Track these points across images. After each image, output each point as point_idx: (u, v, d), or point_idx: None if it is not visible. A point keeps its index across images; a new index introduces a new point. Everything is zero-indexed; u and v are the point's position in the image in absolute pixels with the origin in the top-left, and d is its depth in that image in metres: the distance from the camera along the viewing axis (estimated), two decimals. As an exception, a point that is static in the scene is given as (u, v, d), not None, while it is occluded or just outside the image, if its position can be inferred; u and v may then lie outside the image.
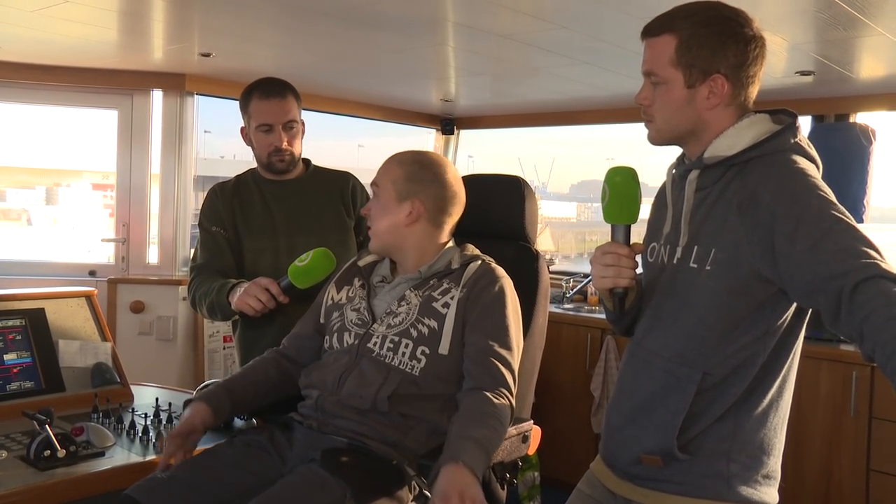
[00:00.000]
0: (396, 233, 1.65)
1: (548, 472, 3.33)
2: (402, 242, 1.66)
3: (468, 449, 1.37)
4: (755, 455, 1.29)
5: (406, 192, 1.64)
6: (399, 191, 1.64)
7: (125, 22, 2.70)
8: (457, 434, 1.41)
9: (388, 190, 1.65)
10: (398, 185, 1.65)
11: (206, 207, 2.16)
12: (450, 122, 4.60)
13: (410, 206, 1.64)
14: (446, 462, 1.34)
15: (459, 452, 1.35)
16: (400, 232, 1.65)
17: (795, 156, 1.26)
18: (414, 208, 1.64)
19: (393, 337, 1.58)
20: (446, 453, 1.37)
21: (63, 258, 3.98)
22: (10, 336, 1.90)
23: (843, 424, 2.84)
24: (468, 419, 1.45)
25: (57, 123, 4.13)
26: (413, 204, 1.64)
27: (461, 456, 1.34)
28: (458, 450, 1.36)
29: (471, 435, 1.40)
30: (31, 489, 1.41)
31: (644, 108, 1.34)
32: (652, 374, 1.32)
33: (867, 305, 1.06)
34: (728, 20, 1.27)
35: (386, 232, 1.66)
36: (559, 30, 2.45)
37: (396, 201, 1.65)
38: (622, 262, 1.28)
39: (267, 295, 1.89)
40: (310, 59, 3.08)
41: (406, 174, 1.65)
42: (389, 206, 1.65)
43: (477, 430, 1.42)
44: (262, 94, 2.07)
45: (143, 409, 1.88)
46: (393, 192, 1.65)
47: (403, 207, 1.64)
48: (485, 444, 1.41)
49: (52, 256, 4.29)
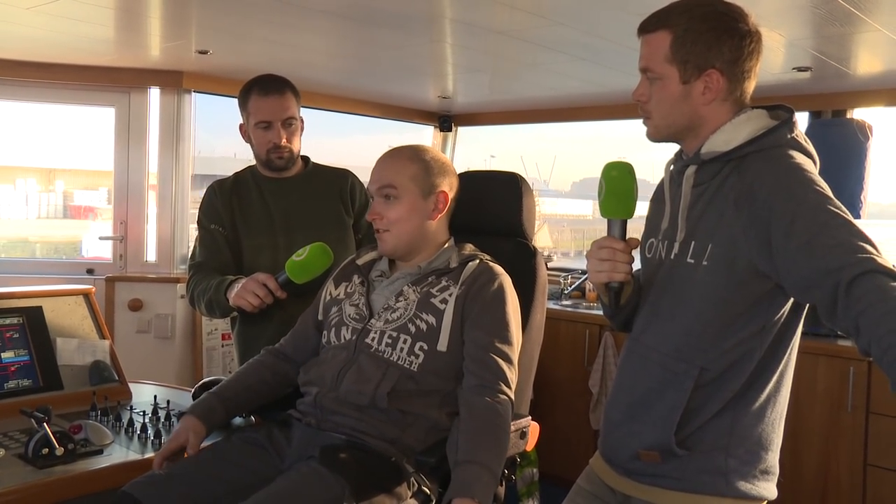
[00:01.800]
0: (422, 228, 1.66)
1: (546, 469, 3.33)
2: (423, 237, 1.67)
3: (481, 479, 1.38)
4: (753, 450, 1.29)
5: (430, 186, 1.65)
6: (422, 187, 1.64)
7: (122, 19, 2.70)
8: (465, 457, 1.41)
9: (410, 188, 1.64)
10: (419, 181, 1.64)
11: (204, 205, 2.16)
12: (447, 118, 4.60)
13: (436, 198, 1.65)
14: (458, 495, 1.35)
15: (472, 484, 1.36)
16: (425, 227, 1.66)
17: (792, 151, 1.26)
18: (439, 200, 1.65)
19: (391, 332, 1.58)
20: (458, 483, 1.37)
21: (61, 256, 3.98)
22: (7, 334, 1.90)
23: (841, 419, 2.85)
24: (476, 438, 1.45)
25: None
26: (438, 196, 1.65)
27: (473, 489, 1.35)
28: (471, 481, 1.37)
29: (481, 461, 1.40)
30: (30, 487, 1.41)
31: (641, 105, 1.34)
32: (649, 369, 1.32)
33: (863, 300, 1.07)
34: (723, 15, 1.27)
35: (411, 230, 1.65)
36: (556, 26, 2.45)
37: (422, 198, 1.64)
38: (618, 257, 1.28)
39: (264, 290, 1.89)
40: (307, 57, 3.08)
41: (424, 169, 1.65)
42: (416, 204, 1.64)
43: (487, 455, 1.42)
44: (260, 91, 2.06)
45: (142, 406, 1.88)
46: (416, 188, 1.64)
47: (429, 202, 1.65)
48: (494, 467, 1.42)
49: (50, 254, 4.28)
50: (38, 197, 7.13)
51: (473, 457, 1.41)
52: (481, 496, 1.35)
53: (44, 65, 3.37)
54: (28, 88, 3.52)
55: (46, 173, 5.62)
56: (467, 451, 1.42)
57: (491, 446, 1.45)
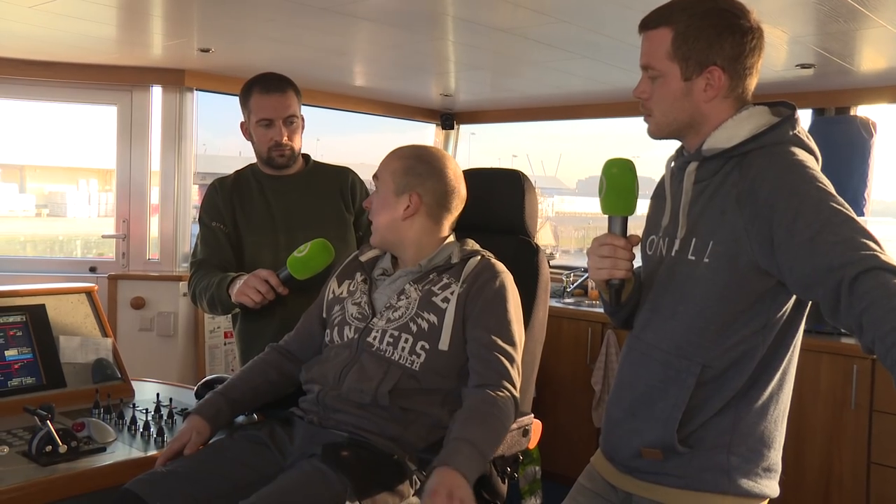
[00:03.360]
0: (394, 227, 1.65)
1: (549, 467, 3.33)
2: (401, 237, 1.66)
3: (462, 451, 1.38)
4: (755, 448, 1.29)
5: (404, 185, 1.64)
6: (397, 184, 1.64)
7: (124, 17, 2.70)
8: (454, 435, 1.42)
9: (388, 183, 1.65)
10: (396, 178, 1.65)
11: (205, 203, 2.16)
12: (449, 116, 4.59)
13: (408, 199, 1.64)
14: (439, 464, 1.35)
15: (453, 456, 1.36)
16: (398, 226, 1.65)
17: (794, 148, 1.26)
18: (412, 202, 1.63)
19: (393, 331, 1.58)
20: (441, 455, 1.38)
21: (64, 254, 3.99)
22: (10, 332, 1.90)
23: (844, 417, 2.84)
24: (467, 420, 1.45)
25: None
26: (411, 198, 1.64)
27: (454, 459, 1.35)
28: (453, 452, 1.37)
29: (467, 437, 1.40)
30: (33, 484, 1.42)
31: (643, 102, 1.34)
32: (651, 367, 1.32)
33: (867, 297, 1.06)
34: (724, 12, 1.27)
35: (385, 226, 1.66)
36: (559, 23, 2.44)
37: (395, 194, 1.64)
38: (618, 254, 1.28)
39: (266, 286, 1.89)
40: (309, 55, 3.07)
41: (405, 167, 1.65)
42: (388, 200, 1.65)
43: (474, 432, 1.42)
44: (262, 88, 2.06)
45: (144, 404, 1.88)
46: (392, 184, 1.65)
47: (401, 201, 1.64)
48: (481, 446, 1.41)
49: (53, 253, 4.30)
50: (98, 196, 7.29)
51: (460, 434, 1.41)
52: (461, 465, 1.35)
53: (46, 63, 3.38)
54: (30, 87, 3.52)
55: (104, 174, 5.75)
56: (456, 430, 1.43)
57: (480, 427, 1.44)
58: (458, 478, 1.33)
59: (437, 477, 1.33)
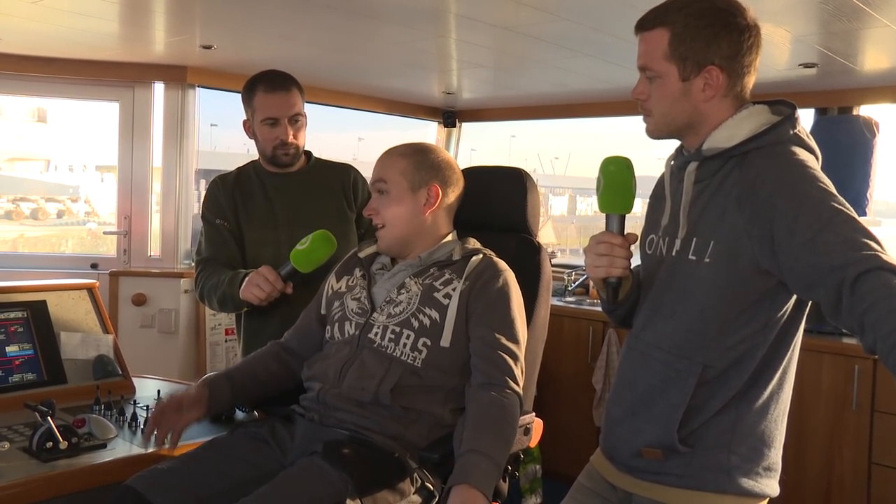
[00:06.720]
0: (415, 222, 1.66)
1: (549, 465, 3.33)
2: (418, 231, 1.67)
3: (480, 466, 1.37)
4: (756, 447, 1.29)
5: (419, 180, 1.65)
6: (411, 181, 1.65)
7: (126, 13, 2.69)
8: (468, 447, 1.41)
9: (399, 182, 1.65)
10: (409, 176, 1.65)
11: (208, 200, 2.16)
12: (451, 114, 4.59)
13: (427, 193, 1.65)
14: (457, 482, 1.35)
15: (471, 471, 1.36)
16: (418, 221, 1.66)
17: (795, 147, 1.26)
18: (431, 194, 1.65)
19: (394, 327, 1.58)
20: (457, 471, 1.37)
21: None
22: (11, 328, 1.90)
23: (845, 418, 2.84)
24: (480, 429, 1.45)
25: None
26: (430, 190, 1.65)
27: (472, 475, 1.35)
28: (470, 467, 1.37)
29: (482, 450, 1.40)
30: (34, 480, 1.42)
31: (641, 103, 1.34)
32: (651, 366, 1.32)
33: (868, 297, 1.06)
34: (721, 11, 1.27)
35: (404, 224, 1.65)
36: (562, 21, 2.44)
37: (411, 192, 1.65)
38: (615, 252, 1.28)
39: (268, 283, 1.89)
40: (311, 52, 3.07)
41: (414, 163, 1.66)
42: (404, 198, 1.65)
43: (489, 444, 1.42)
44: (266, 87, 2.06)
45: (145, 401, 1.88)
46: (405, 183, 1.65)
47: (419, 196, 1.65)
48: (497, 458, 1.41)
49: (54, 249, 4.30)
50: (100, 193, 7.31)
51: (475, 446, 1.41)
52: (479, 482, 1.35)
53: (48, 59, 3.37)
54: (32, 83, 3.52)
55: (106, 171, 5.82)
56: (469, 440, 1.42)
57: (494, 437, 1.44)
58: (479, 497, 1.33)
59: (457, 497, 1.33)
